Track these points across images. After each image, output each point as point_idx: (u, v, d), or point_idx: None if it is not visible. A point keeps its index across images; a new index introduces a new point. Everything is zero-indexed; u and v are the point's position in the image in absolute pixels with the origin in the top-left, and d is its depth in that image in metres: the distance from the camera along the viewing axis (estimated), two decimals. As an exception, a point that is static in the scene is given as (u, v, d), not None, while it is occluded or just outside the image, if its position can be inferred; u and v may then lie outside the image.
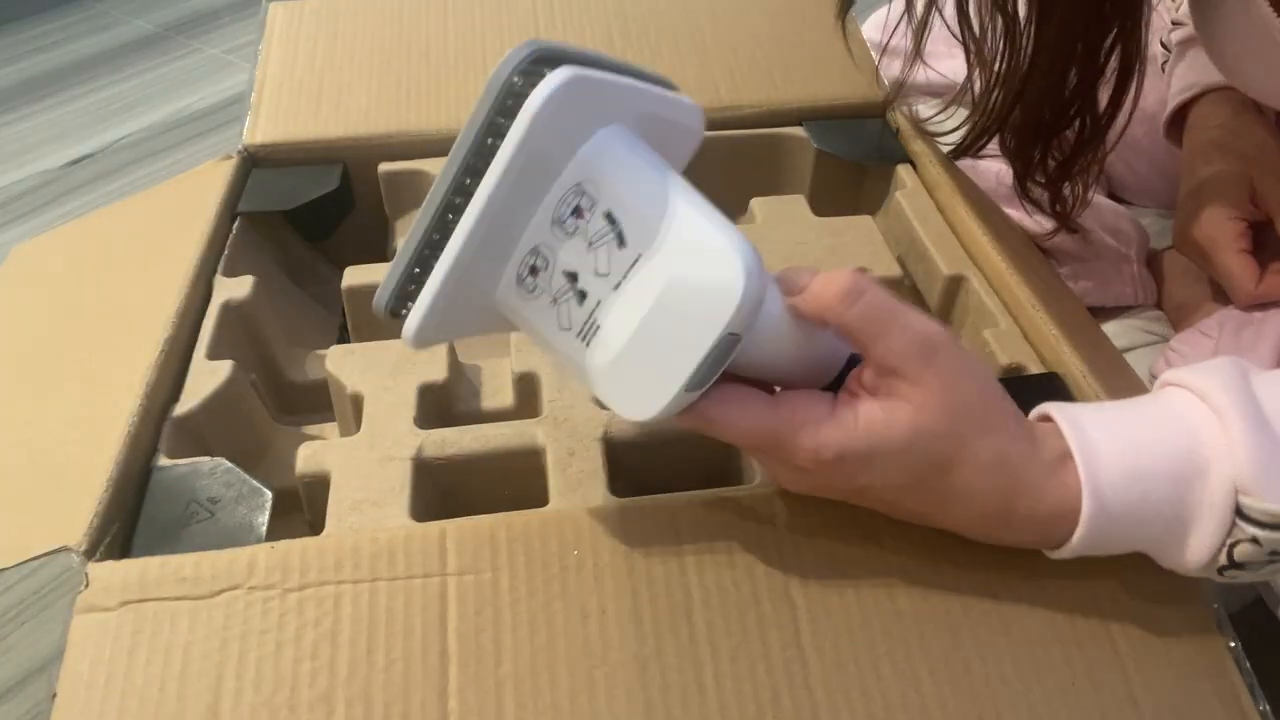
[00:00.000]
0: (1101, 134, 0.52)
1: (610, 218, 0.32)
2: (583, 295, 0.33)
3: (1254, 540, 0.32)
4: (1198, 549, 0.33)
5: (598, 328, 0.32)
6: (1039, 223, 0.69)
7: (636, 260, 0.32)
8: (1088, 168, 0.54)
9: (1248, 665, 0.35)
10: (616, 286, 0.32)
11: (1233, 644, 0.36)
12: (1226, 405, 0.32)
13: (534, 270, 0.33)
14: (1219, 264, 0.61)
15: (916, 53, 0.53)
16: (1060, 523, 0.34)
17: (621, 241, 0.32)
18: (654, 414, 0.32)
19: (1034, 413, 0.37)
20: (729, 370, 0.33)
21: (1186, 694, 0.34)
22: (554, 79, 0.30)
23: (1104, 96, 0.52)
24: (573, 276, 0.33)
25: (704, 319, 0.30)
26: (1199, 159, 0.63)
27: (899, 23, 0.52)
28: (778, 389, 0.36)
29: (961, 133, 0.58)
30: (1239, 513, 0.32)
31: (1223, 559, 0.33)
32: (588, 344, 0.33)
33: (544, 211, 0.32)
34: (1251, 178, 0.61)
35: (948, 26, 0.50)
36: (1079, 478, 0.33)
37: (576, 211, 0.32)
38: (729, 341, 0.31)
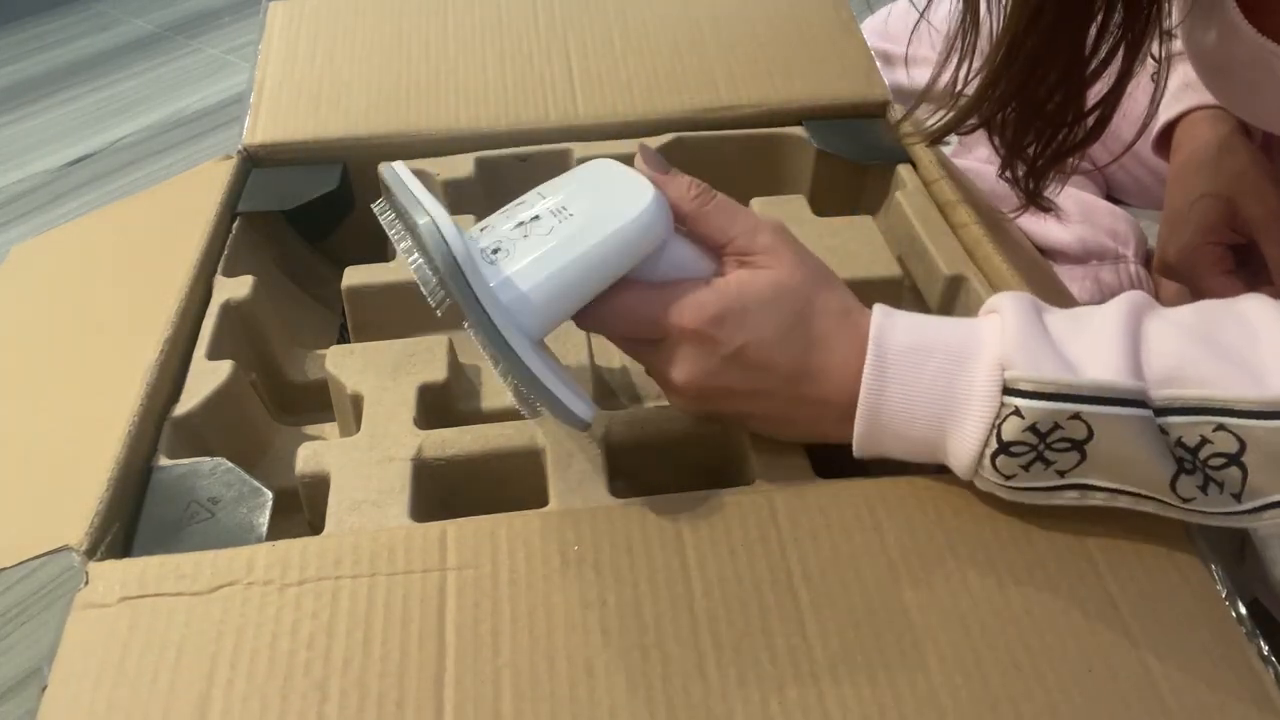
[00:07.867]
0: (1095, 137, 0.52)
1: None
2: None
3: (1017, 413, 0.35)
4: (971, 429, 0.36)
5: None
6: (1042, 226, 0.69)
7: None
8: (1070, 156, 0.53)
9: (1263, 646, 0.35)
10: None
11: (1245, 625, 0.35)
12: (1008, 307, 0.37)
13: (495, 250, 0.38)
14: (1204, 289, 0.60)
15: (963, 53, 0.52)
16: (853, 376, 0.37)
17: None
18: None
19: None
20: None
21: (1209, 680, 0.34)
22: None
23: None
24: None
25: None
26: (1182, 180, 0.62)
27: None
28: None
29: (948, 117, 0.56)
30: (1005, 390, 0.35)
31: (993, 442, 0.35)
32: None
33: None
34: (1234, 200, 0.60)
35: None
36: (868, 333, 0.38)
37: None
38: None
